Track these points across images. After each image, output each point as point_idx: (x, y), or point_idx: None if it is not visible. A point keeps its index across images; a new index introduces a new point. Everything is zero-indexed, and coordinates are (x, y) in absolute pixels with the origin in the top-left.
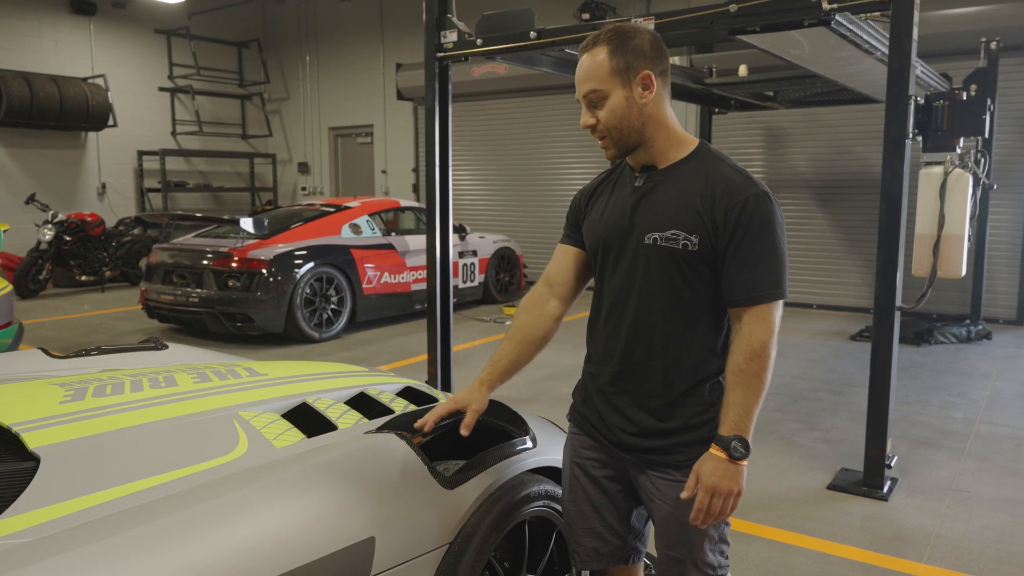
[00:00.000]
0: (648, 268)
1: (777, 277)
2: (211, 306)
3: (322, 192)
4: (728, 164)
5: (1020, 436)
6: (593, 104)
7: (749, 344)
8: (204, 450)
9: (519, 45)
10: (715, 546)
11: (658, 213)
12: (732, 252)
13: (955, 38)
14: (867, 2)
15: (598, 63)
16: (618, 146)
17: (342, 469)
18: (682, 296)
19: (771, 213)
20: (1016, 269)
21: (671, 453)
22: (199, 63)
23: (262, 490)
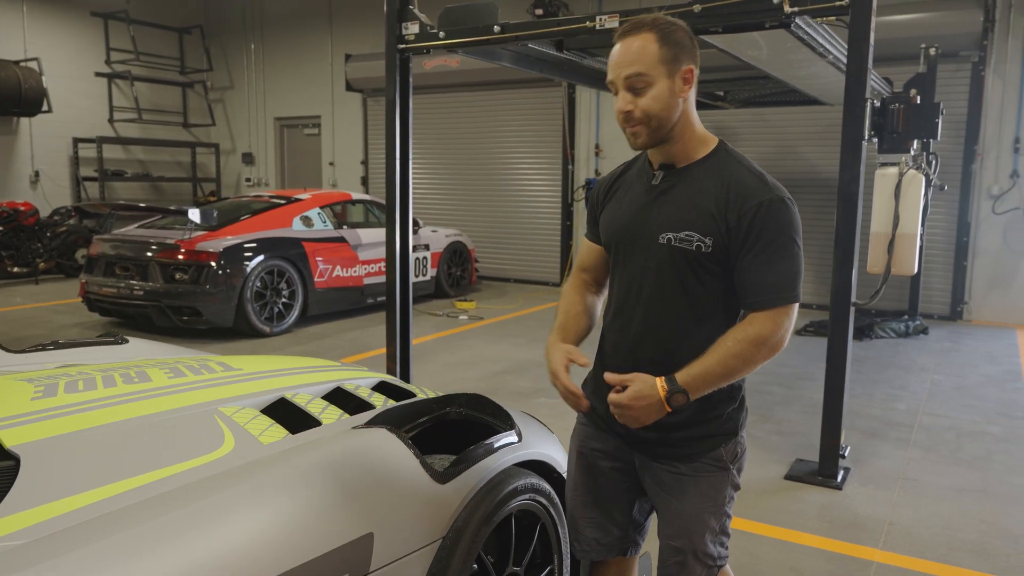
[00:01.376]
0: (661, 267)
1: (790, 282)
2: (157, 299)
3: (267, 183)
4: (745, 166)
5: (960, 427)
6: (634, 89)
7: (746, 330)
8: (189, 447)
9: (483, 39)
10: (716, 538)
11: (673, 213)
12: (745, 256)
13: (897, 44)
14: (827, 7)
15: (646, 49)
16: (651, 136)
17: (338, 465)
18: (694, 294)
19: (786, 218)
20: (950, 267)
21: (678, 446)
22: (138, 48)
23: (259, 488)
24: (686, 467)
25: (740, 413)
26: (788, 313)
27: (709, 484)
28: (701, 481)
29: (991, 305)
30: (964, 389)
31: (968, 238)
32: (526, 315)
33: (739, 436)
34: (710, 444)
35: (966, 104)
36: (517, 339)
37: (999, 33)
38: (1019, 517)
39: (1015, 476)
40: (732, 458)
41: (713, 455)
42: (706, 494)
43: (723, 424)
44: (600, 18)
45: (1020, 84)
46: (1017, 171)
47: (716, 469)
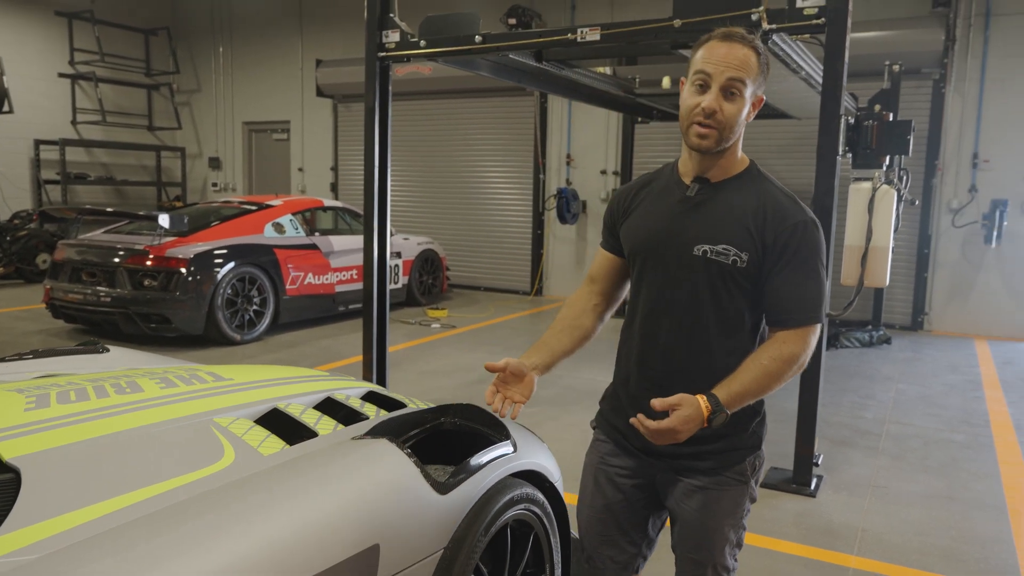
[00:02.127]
0: (695, 279)
1: (818, 302)
2: (125, 306)
3: (234, 188)
4: (777, 186)
5: (926, 435)
6: (727, 92)
7: (780, 350)
8: (190, 459)
9: (464, 48)
10: (732, 550)
11: (710, 226)
12: (777, 274)
13: (862, 60)
14: (804, 25)
15: (748, 60)
16: (717, 142)
17: (343, 476)
18: (724, 308)
19: (817, 241)
20: (912, 278)
21: (701, 459)
22: (103, 49)
23: (267, 500)
24: (711, 480)
25: (763, 427)
26: (815, 332)
27: (730, 498)
28: (724, 494)
29: (951, 316)
30: (928, 398)
31: (929, 250)
32: (498, 323)
33: (760, 449)
34: (736, 457)
35: (927, 120)
36: (491, 347)
37: (959, 52)
38: (986, 522)
39: (979, 482)
40: (753, 471)
41: (737, 469)
42: (728, 508)
43: (749, 438)
44: (582, 30)
45: (979, 101)
46: (976, 186)
47: (738, 483)
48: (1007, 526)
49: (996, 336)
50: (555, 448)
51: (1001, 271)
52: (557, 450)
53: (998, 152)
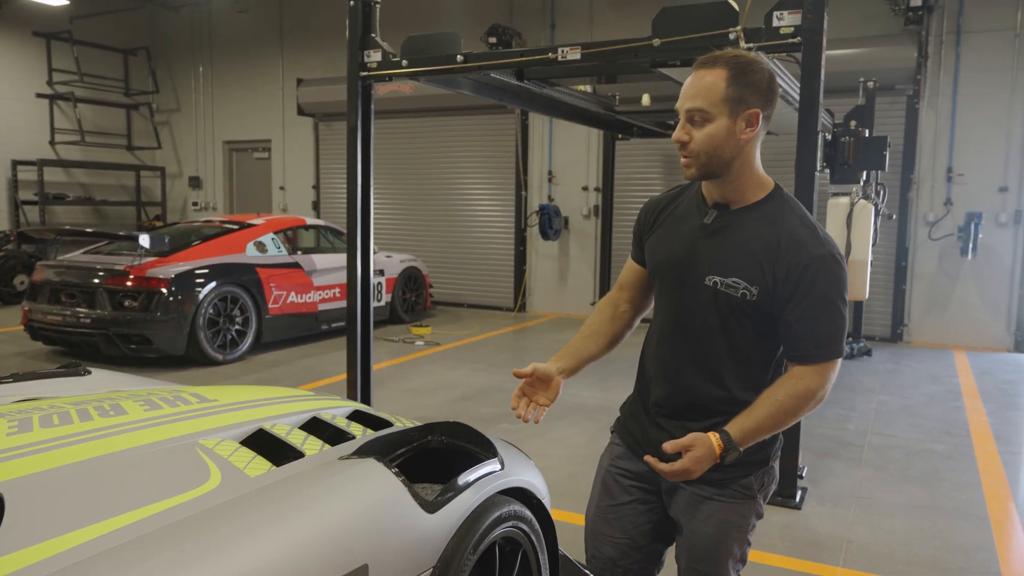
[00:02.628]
0: (706, 308)
1: (836, 337)
2: (105, 327)
3: (215, 208)
4: (798, 216)
5: (908, 446)
6: (693, 122)
7: (796, 385)
8: (176, 482)
9: (446, 68)
10: (735, 564)
11: (722, 258)
12: (792, 309)
13: (837, 77)
14: (780, 43)
15: (712, 85)
16: (702, 170)
17: (330, 497)
18: (735, 337)
19: (835, 275)
20: (891, 291)
21: (712, 470)
22: (82, 69)
23: (255, 522)
24: (716, 492)
25: (773, 444)
26: (834, 367)
27: (735, 511)
28: (729, 507)
29: (929, 327)
30: (909, 409)
31: (907, 263)
32: (482, 340)
33: (769, 465)
34: (742, 472)
35: (902, 135)
36: (475, 364)
37: (931, 68)
38: (969, 532)
39: (961, 492)
40: (760, 487)
41: (744, 483)
42: (732, 520)
43: (755, 454)
44: (563, 49)
45: (952, 116)
46: (951, 199)
47: (744, 497)
48: (989, 535)
49: (974, 347)
50: (540, 464)
51: (977, 283)
52: (542, 466)
53: (972, 166)
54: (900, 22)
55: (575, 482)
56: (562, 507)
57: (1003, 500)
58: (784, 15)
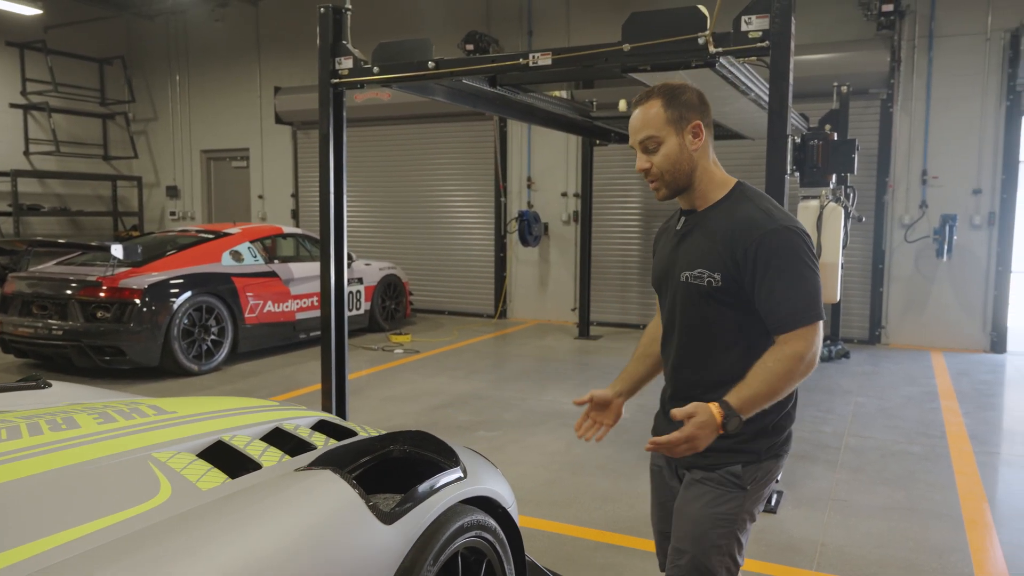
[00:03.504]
0: (684, 303)
1: (808, 301)
2: (77, 339)
3: (193, 217)
4: (754, 203)
5: (884, 447)
6: (648, 150)
7: (783, 350)
8: (124, 496)
9: (418, 75)
10: (721, 558)
11: (689, 254)
12: (759, 285)
13: (812, 81)
14: (748, 48)
15: (654, 114)
16: (669, 187)
17: (282, 509)
18: (715, 325)
19: (791, 243)
20: (868, 293)
21: (703, 455)
22: (56, 79)
23: (203, 536)
24: (706, 475)
25: (765, 440)
26: (815, 330)
27: (722, 498)
28: (715, 492)
29: (907, 329)
30: (886, 410)
31: (883, 265)
32: (462, 347)
33: (762, 462)
34: (728, 459)
35: (877, 138)
36: (455, 372)
37: (904, 72)
38: (944, 533)
39: (937, 493)
40: (751, 481)
41: (731, 470)
42: (717, 507)
43: (744, 443)
44: (534, 55)
45: (925, 120)
46: (926, 202)
47: (733, 486)
48: (963, 536)
49: (951, 348)
50: (515, 471)
51: (953, 284)
52: (517, 473)
53: (945, 168)
54: (873, 27)
55: (551, 490)
56: (537, 515)
57: (977, 500)
58: (752, 19)
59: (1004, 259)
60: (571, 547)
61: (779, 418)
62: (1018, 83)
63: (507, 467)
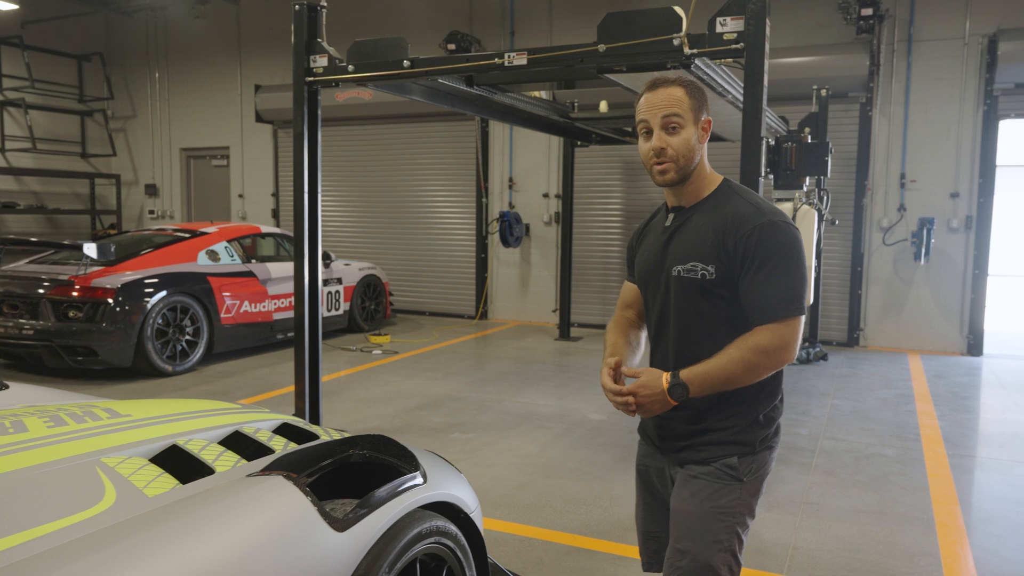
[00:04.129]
0: (677, 297)
1: (789, 296)
2: (48, 339)
3: (172, 216)
4: (743, 198)
5: (858, 450)
6: (669, 129)
7: (748, 339)
8: (65, 504)
9: (393, 73)
10: (723, 556)
11: (681, 248)
12: (747, 277)
13: (792, 84)
14: (723, 49)
15: (681, 96)
16: (678, 173)
17: (228, 517)
18: (708, 319)
19: (781, 237)
20: (846, 295)
21: (697, 450)
22: (33, 75)
23: (143, 545)
24: (701, 470)
25: (758, 431)
26: (791, 325)
27: (720, 491)
28: (713, 486)
29: (885, 331)
30: (861, 413)
31: (862, 268)
32: (442, 348)
33: (757, 454)
34: (723, 451)
35: (856, 142)
36: (432, 374)
37: (883, 76)
38: (915, 536)
39: (909, 496)
40: (748, 471)
41: (727, 462)
42: (717, 501)
43: (738, 434)
44: (509, 55)
45: (904, 124)
46: (904, 205)
47: (729, 477)
48: (934, 540)
49: (929, 350)
50: (488, 474)
51: (931, 287)
52: (490, 476)
53: (923, 172)
54: (852, 30)
55: (523, 493)
56: (509, 518)
57: (949, 504)
58: (727, 21)
59: (981, 262)
60: (541, 551)
61: (769, 409)
62: (995, 88)
63: (480, 469)
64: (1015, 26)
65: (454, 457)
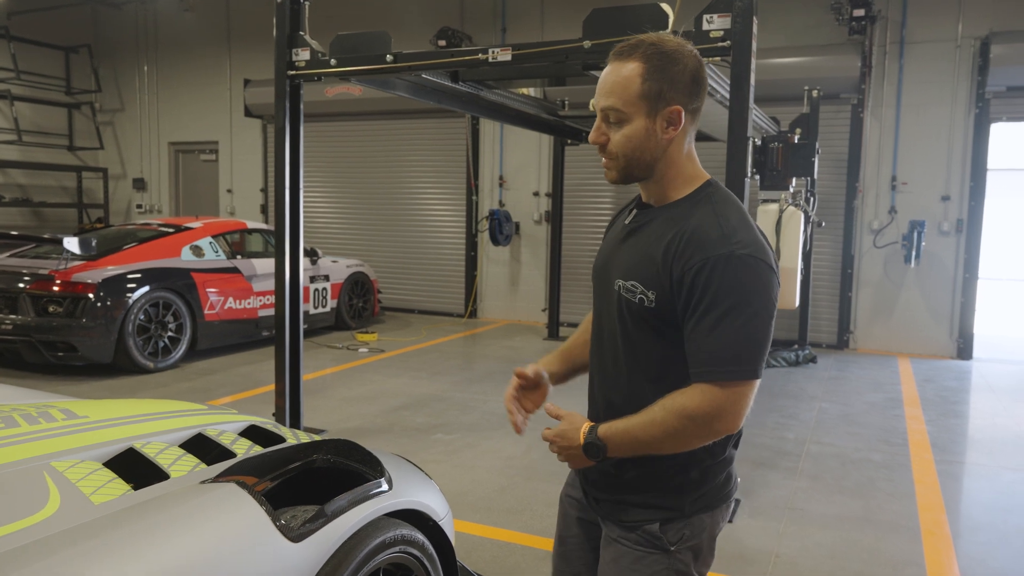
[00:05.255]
0: (613, 316)
1: (737, 353)
2: (28, 334)
3: (160, 211)
4: (716, 212)
5: (844, 454)
6: (610, 122)
7: (673, 400)
8: (4, 510)
9: (375, 68)
10: None
11: (628, 258)
12: (688, 319)
13: (784, 85)
14: (710, 47)
15: (627, 79)
16: (621, 173)
17: (175, 526)
18: (644, 352)
19: (739, 277)
20: (836, 298)
21: (622, 510)
22: (19, 67)
23: (76, 557)
24: (623, 535)
25: (689, 492)
26: (732, 392)
27: (640, 562)
28: (632, 555)
29: (875, 334)
30: (849, 417)
31: (852, 270)
32: (429, 347)
33: (689, 518)
34: (643, 515)
35: (847, 143)
36: (418, 373)
37: (875, 78)
38: (899, 544)
39: (895, 503)
40: (676, 540)
41: (649, 530)
42: (634, 568)
43: (660, 496)
44: (493, 51)
45: (895, 126)
46: (895, 207)
47: (652, 547)
48: (919, 547)
49: (918, 354)
50: (469, 476)
51: (921, 290)
52: (471, 478)
53: (915, 175)
54: (844, 31)
55: (504, 496)
56: (488, 522)
57: (936, 511)
58: (714, 18)
59: (971, 266)
60: (520, 557)
61: (709, 464)
62: (987, 91)
63: (461, 472)
64: (1008, 29)
65: (435, 458)
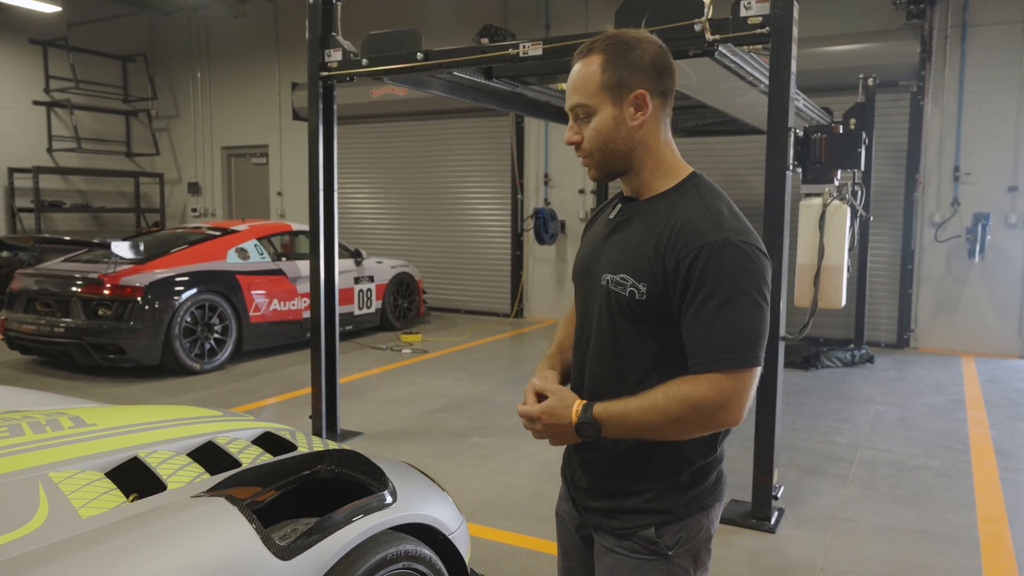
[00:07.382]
0: (601, 312)
1: (739, 341)
2: (79, 337)
3: (214, 214)
4: (705, 201)
5: (900, 461)
6: (579, 119)
7: (678, 387)
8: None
9: (406, 66)
10: None
11: (616, 253)
12: (689, 310)
13: (836, 74)
14: (747, 35)
15: (588, 74)
16: (600, 169)
17: (159, 543)
18: (633, 347)
19: (736, 264)
20: (896, 295)
21: (612, 517)
22: (79, 76)
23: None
24: (618, 543)
25: (680, 495)
26: (737, 379)
27: (639, 567)
28: (628, 564)
29: (937, 332)
30: (907, 420)
31: (912, 265)
32: (473, 347)
33: (684, 520)
34: (637, 521)
35: (906, 133)
36: (460, 374)
37: (936, 64)
38: (956, 558)
39: (954, 514)
40: (675, 544)
41: (645, 535)
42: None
43: (654, 500)
44: (524, 46)
45: (958, 114)
46: (958, 199)
47: (649, 554)
48: (978, 562)
49: (983, 353)
50: (504, 481)
51: (986, 286)
52: (506, 483)
53: (979, 165)
54: (902, 16)
55: (538, 502)
56: (519, 530)
57: (997, 523)
58: (752, 4)
59: None
60: (549, 567)
61: (700, 465)
62: None
63: (496, 476)
64: None
65: (470, 463)
